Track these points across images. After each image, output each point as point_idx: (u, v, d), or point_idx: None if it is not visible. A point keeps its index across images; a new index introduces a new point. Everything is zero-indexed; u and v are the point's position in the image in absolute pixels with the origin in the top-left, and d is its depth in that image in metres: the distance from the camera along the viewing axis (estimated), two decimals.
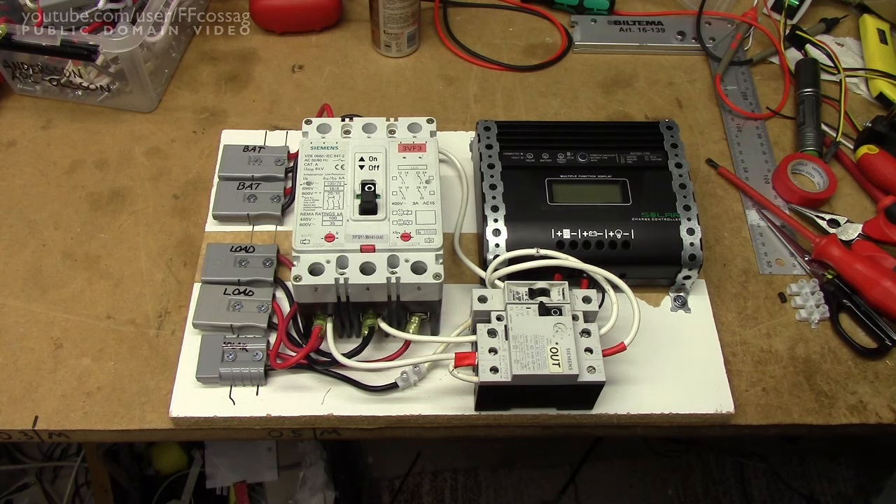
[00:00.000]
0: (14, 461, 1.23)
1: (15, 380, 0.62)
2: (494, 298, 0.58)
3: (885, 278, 0.66)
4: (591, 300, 0.58)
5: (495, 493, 1.33)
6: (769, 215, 0.74)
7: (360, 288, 0.56)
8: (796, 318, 0.68)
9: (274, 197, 0.70)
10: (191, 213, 0.72)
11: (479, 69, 0.87)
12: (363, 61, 0.87)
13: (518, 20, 0.93)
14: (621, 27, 0.91)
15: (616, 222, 0.64)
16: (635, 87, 0.86)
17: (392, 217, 0.58)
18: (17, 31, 0.72)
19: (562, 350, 0.54)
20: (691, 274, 0.65)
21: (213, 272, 0.65)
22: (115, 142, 0.78)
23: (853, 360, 0.66)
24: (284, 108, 0.82)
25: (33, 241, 0.70)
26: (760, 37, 0.91)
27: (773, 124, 0.83)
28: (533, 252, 0.62)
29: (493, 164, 0.67)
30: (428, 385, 0.61)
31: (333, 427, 0.62)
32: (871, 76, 0.86)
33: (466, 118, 0.82)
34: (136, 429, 0.60)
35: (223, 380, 0.60)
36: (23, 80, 0.79)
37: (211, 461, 1.21)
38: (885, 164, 0.75)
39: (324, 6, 0.88)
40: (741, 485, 1.40)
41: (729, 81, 0.86)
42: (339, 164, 0.61)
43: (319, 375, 0.61)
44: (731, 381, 0.63)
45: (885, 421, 0.63)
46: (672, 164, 0.68)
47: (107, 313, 0.66)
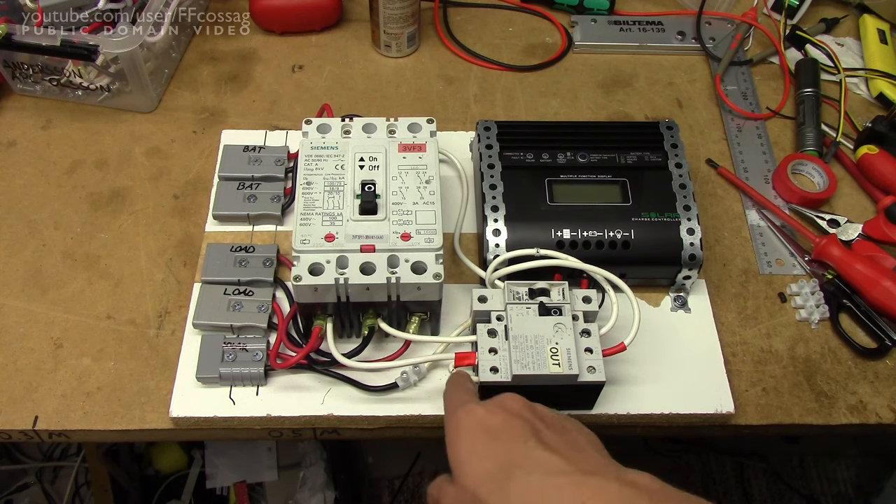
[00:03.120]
0: (14, 461, 1.23)
1: (15, 380, 0.62)
2: (494, 298, 0.58)
3: (885, 278, 0.66)
4: (591, 300, 0.58)
5: None
6: (769, 215, 0.74)
7: (360, 288, 0.56)
8: (796, 318, 0.68)
9: (274, 197, 0.70)
10: (191, 213, 0.72)
11: (479, 69, 0.87)
12: (363, 61, 0.87)
13: (518, 20, 0.93)
14: (621, 27, 0.91)
15: (616, 222, 0.64)
16: (635, 87, 0.86)
17: (392, 217, 0.58)
18: (17, 31, 0.72)
19: (562, 350, 0.54)
20: (691, 274, 0.65)
21: (213, 272, 0.65)
22: (115, 142, 0.78)
23: (853, 360, 0.66)
24: (284, 108, 0.82)
25: (33, 241, 0.70)
26: (760, 37, 0.91)
27: (773, 124, 0.83)
28: (533, 252, 0.62)
29: (493, 164, 0.67)
30: (428, 385, 0.61)
31: (333, 427, 0.62)
32: (871, 76, 0.86)
33: (466, 118, 0.82)
34: (136, 429, 0.60)
35: (223, 380, 0.60)
36: (23, 80, 0.79)
37: (211, 461, 1.21)
38: (885, 164, 0.75)
39: (324, 6, 0.88)
40: (741, 485, 1.40)
41: (729, 81, 0.86)
42: (339, 164, 0.61)
43: (319, 375, 0.61)
44: (731, 381, 0.63)
45: (885, 421, 0.63)
46: (672, 164, 0.68)
47: (107, 313, 0.66)
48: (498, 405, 0.45)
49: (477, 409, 0.45)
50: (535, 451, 0.41)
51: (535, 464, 0.41)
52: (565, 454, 0.41)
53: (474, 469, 0.42)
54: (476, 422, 0.44)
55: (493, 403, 0.45)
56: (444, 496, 0.44)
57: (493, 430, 0.43)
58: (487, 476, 0.41)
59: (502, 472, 0.41)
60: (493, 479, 0.41)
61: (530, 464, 0.41)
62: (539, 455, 0.41)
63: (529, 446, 0.42)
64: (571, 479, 0.39)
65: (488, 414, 0.44)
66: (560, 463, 0.41)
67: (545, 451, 0.41)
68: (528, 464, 0.41)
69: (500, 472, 0.41)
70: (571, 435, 0.44)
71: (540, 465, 0.41)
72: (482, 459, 0.42)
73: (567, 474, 0.40)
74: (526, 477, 0.40)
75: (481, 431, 0.43)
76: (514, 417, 0.44)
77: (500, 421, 0.44)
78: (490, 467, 0.41)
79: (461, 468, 0.42)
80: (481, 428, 0.44)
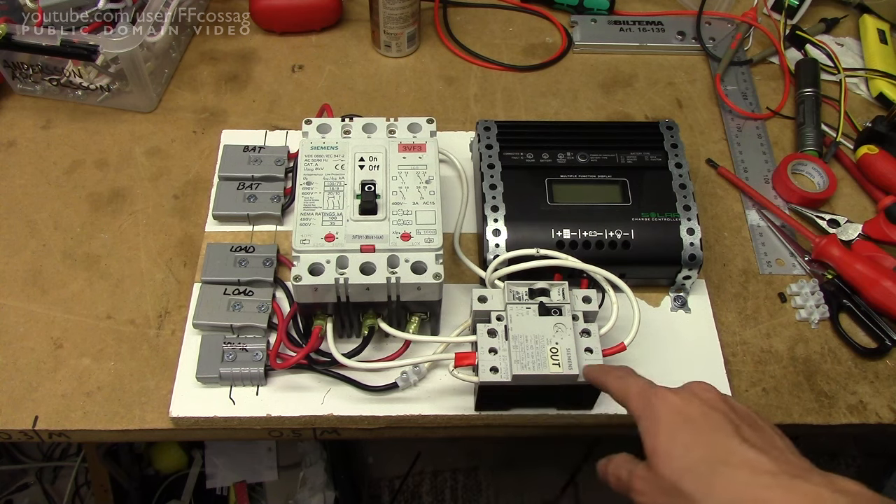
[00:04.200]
0: (14, 461, 1.23)
1: (15, 380, 0.62)
2: (494, 298, 0.58)
3: (885, 278, 0.66)
4: (591, 300, 0.58)
5: (495, 493, 1.33)
6: (769, 215, 0.74)
7: (360, 288, 0.56)
8: (796, 318, 0.68)
9: (274, 197, 0.70)
10: (191, 213, 0.72)
11: (479, 69, 0.87)
12: (363, 61, 0.87)
13: (518, 20, 0.93)
14: (621, 27, 0.91)
15: (616, 222, 0.64)
16: (635, 87, 0.86)
17: (392, 217, 0.58)
18: (17, 31, 0.72)
19: (562, 350, 0.54)
20: (691, 274, 0.65)
21: (213, 272, 0.65)
22: (115, 142, 0.78)
23: (853, 360, 0.66)
24: (284, 108, 0.82)
25: (33, 241, 0.70)
26: (760, 37, 0.91)
27: (773, 124, 0.83)
28: (533, 252, 0.62)
29: (493, 164, 0.67)
30: (428, 385, 0.61)
31: (333, 427, 0.62)
32: (871, 76, 0.86)
33: (466, 118, 0.82)
34: (136, 429, 0.60)
35: (223, 380, 0.60)
36: (23, 80, 0.79)
37: (211, 461, 1.21)
38: (885, 164, 0.75)
39: (324, 6, 0.88)
40: None
41: (729, 81, 0.86)
42: (339, 165, 0.61)
43: (319, 375, 0.61)
44: (731, 381, 0.63)
45: (885, 421, 0.63)
46: (672, 164, 0.68)
47: (107, 313, 0.66)
48: (692, 394, 0.44)
49: (671, 397, 0.44)
50: (741, 448, 0.41)
51: (741, 460, 0.40)
52: (769, 453, 0.40)
53: (676, 459, 0.41)
54: (674, 410, 0.43)
55: (687, 392, 0.45)
56: (635, 479, 0.44)
57: (693, 420, 0.43)
58: (690, 467, 0.41)
59: (706, 466, 0.40)
60: (697, 471, 0.40)
61: (736, 460, 0.40)
62: (744, 452, 0.40)
63: (734, 442, 0.41)
64: (779, 480, 0.39)
65: (685, 403, 0.44)
66: (767, 463, 0.40)
67: (750, 449, 0.40)
68: (733, 459, 0.40)
69: (703, 465, 0.40)
70: (767, 433, 0.43)
71: (746, 463, 0.40)
72: (686, 450, 0.41)
73: (775, 475, 0.39)
74: (732, 473, 0.39)
75: (682, 421, 0.43)
76: (711, 409, 0.43)
77: (698, 412, 0.43)
78: (693, 459, 0.41)
79: (661, 457, 0.42)
80: (681, 418, 0.43)
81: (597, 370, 0.52)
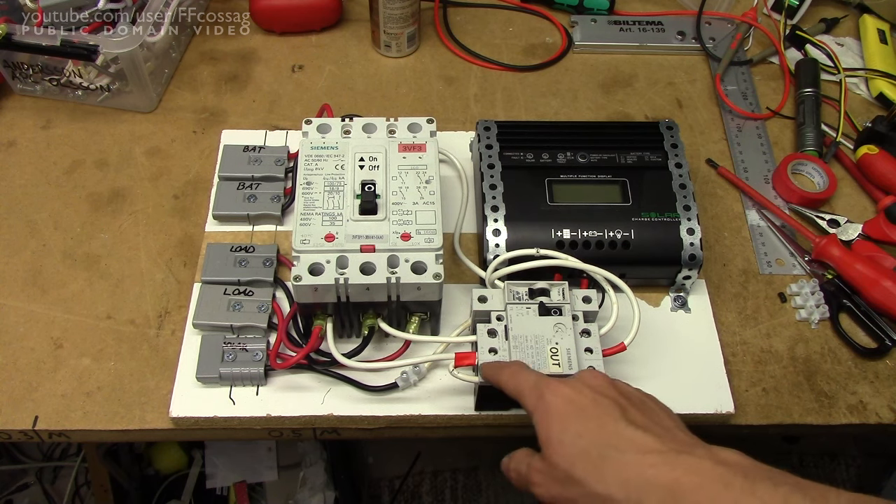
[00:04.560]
0: (14, 461, 1.23)
1: (15, 380, 0.62)
2: (494, 298, 0.58)
3: (885, 278, 0.66)
4: (591, 300, 0.58)
5: (495, 493, 1.33)
6: (769, 215, 0.74)
7: (360, 288, 0.56)
8: (796, 318, 0.68)
9: (274, 197, 0.70)
10: (191, 213, 0.72)
11: (479, 69, 0.87)
12: (363, 61, 0.87)
13: (518, 20, 0.93)
14: (621, 27, 0.91)
15: (616, 222, 0.64)
16: (635, 87, 0.86)
17: (392, 217, 0.58)
18: (17, 31, 0.72)
19: (562, 350, 0.54)
20: (691, 274, 0.65)
21: (213, 272, 0.65)
22: (115, 142, 0.78)
23: (853, 360, 0.66)
24: (284, 108, 0.82)
25: (33, 241, 0.70)
26: (760, 37, 0.91)
27: (773, 124, 0.83)
28: (533, 252, 0.62)
29: (493, 164, 0.67)
30: (428, 385, 0.61)
31: (333, 427, 0.62)
32: (871, 76, 0.86)
33: (466, 118, 0.82)
34: (136, 429, 0.60)
35: (223, 380, 0.60)
36: (23, 80, 0.79)
37: (211, 461, 1.21)
38: (885, 164, 0.75)
39: (324, 6, 0.88)
40: None
41: (729, 81, 0.86)
42: (339, 165, 0.61)
43: (319, 375, 0.61)
44: (731, 381, 0.63)
45: (885, 421, 0.63)
46: (672, 164, 0.68)
47: (107, 313, 0.66)
48: (582, 383, 0.46)
49: (562, 388, 0.45)
50: (627, 430, 0.42)
51: (628, 442, 0.42)
52: (655, 432, 0.42)
53: (568, 448, 0.43)
54: (566, 400, 0.45)
55: (577, 382, 0.46)
56: (532, 472, 0.45)
57: (583, 408, 0.44)
58: (582, 455, 0.42)
59: (596, 451, 0.42)
60: (588, 457, 0.42)
61: (623, 442, 0.42)
62: (631, 434, 0.42)
63: (621, 425, 0.43)
64: (665, 458, 0.40)
65: (576, 393, 0.45)
66: (653, 442, 0.41)
67: (637, 430, 0.42)
68: (621, 442, 0.42)
69: (593, 450, 0.42)
70: (656, 413, 0.45)
71: (633, 444, 0.42)
72: (575, 438, 0.43)
73: (661, 453, 0.41)
74: (620, 456, 0.41)
75: (573, 410, 0.44)
76: (601, 396, 0.45)
77: (588, 399, 0.44)
78: (584, 446, 0.42)
79: (554, 447, 0.43)
80: (573, 407, 0.44)
81: (490, 367, 0.53)
